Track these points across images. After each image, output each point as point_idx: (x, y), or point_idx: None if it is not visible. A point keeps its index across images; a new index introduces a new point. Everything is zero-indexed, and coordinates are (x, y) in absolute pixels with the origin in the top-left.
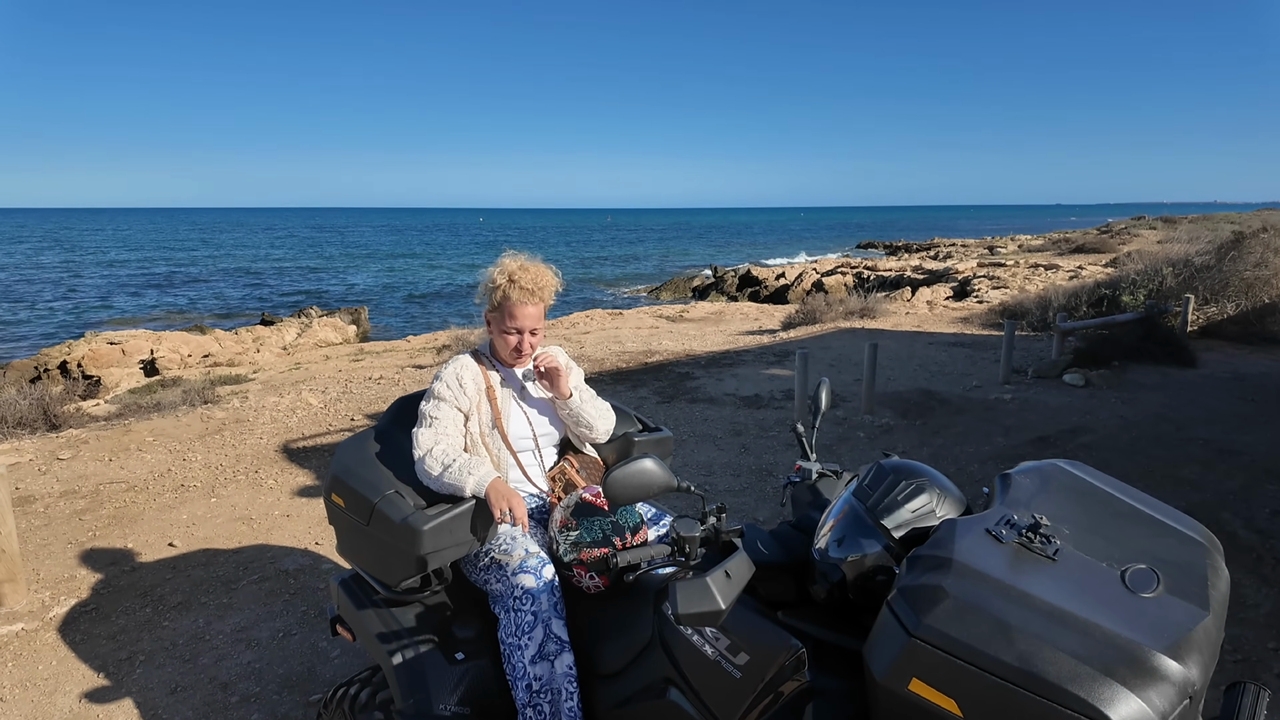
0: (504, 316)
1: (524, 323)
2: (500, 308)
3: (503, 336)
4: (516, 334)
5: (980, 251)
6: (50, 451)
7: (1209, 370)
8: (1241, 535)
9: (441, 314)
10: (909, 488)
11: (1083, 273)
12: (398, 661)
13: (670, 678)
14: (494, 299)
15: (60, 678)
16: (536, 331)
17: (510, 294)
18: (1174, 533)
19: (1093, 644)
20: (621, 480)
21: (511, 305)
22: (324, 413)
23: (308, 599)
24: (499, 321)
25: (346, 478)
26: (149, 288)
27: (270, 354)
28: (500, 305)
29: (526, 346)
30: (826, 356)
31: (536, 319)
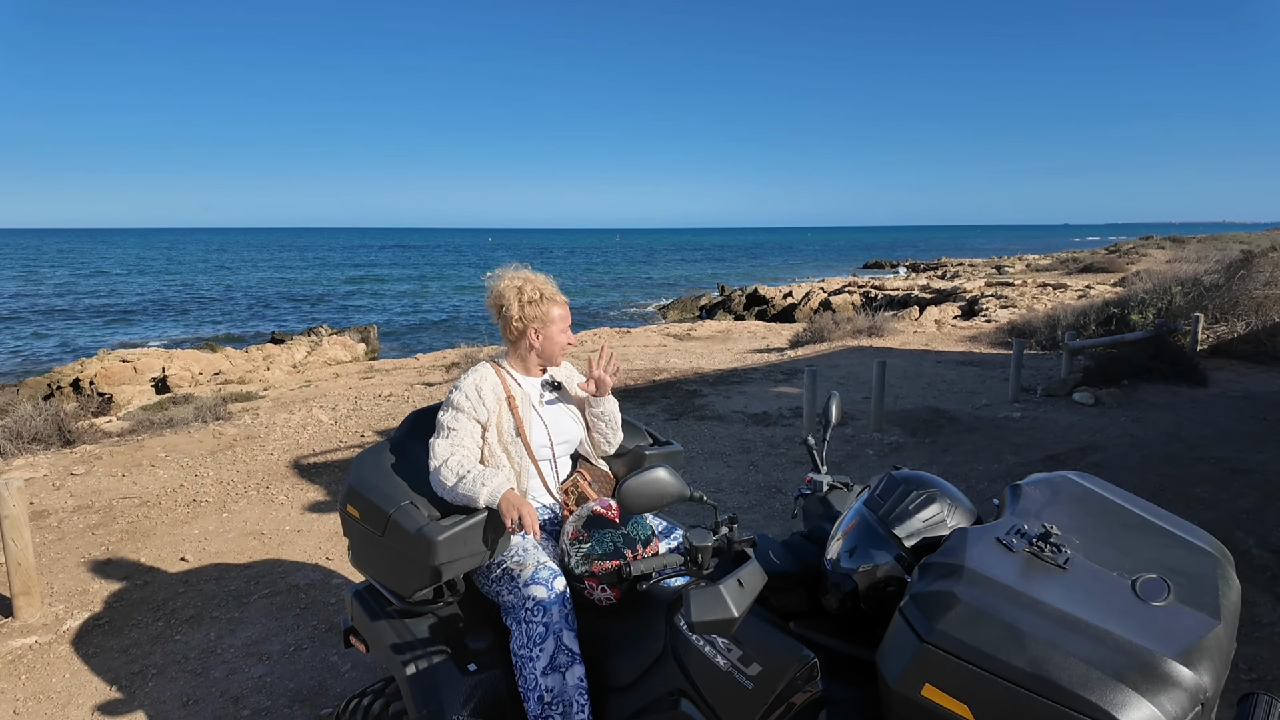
0: (550, 316)
1: (567, 320)
2: (543, 311)
3: (559, 336)
4: (564, 327)
5: (988, 271)
6: (64, 467)
7: (1219, 389)
8: (1256, 554)
9: (450, 332)
10: (920, 497)
11: (1091, 292)
12: (411, 672)
13: (682, 689)
14: (531, 307)
15: (73, 690)
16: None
17: (545, 292)
18: (1184, 543)
19: (1105, 650)
20: (635, 489)
21: (553, 303)
22: (334, 429)
23: (319, 613)
24: (548, 323)
25: (362, 489)
26: (161, 307)
27: (280, 372)
28: (544, 308)
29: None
30: (834, 375)
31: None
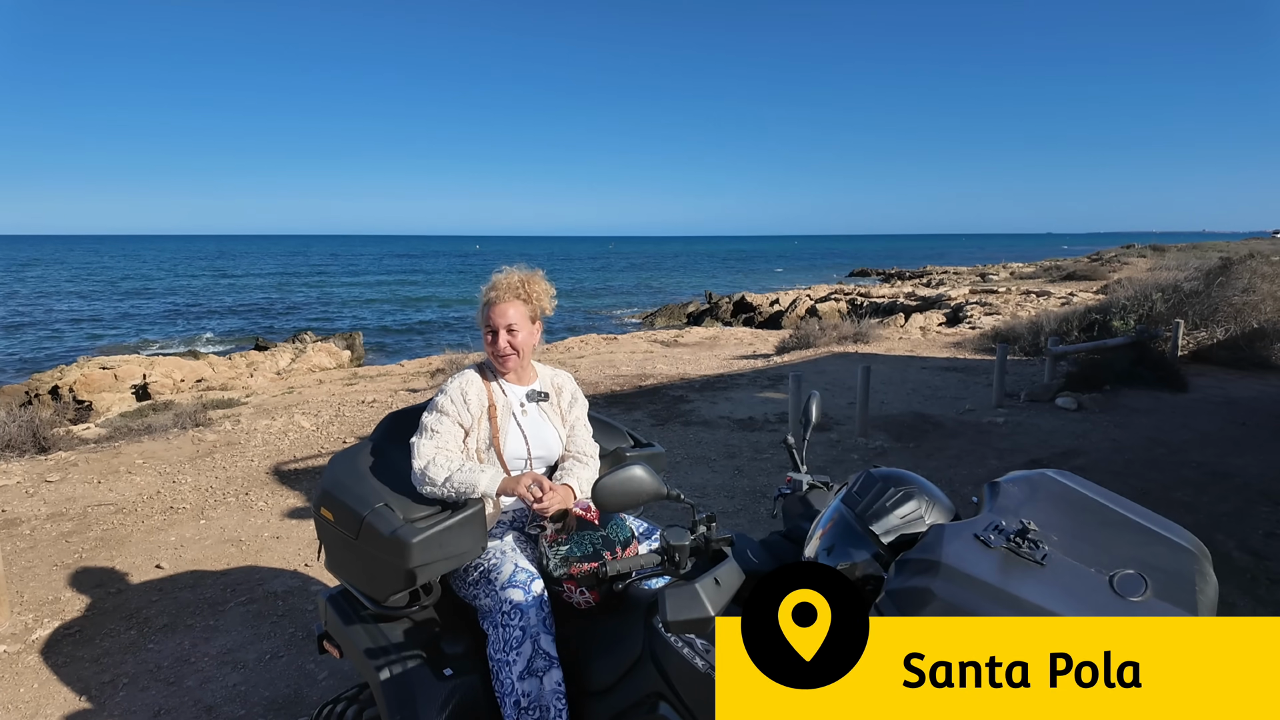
0: (484, 318)
1: (498, 320)
2: (483, 311)
3: (484, 338)
4: (491, 331)
5: (973, 279)
6: (38, 474)
7: (1200, 394)
8: (1235, 557)
9: (436, 339)
10: (898, 494)
11: (1074, 299)
12: (385, 677)
13: (661, 692)
14: (482, 311)
15: (42, 700)
16: (516, 330)
17: (489, 296)
18: (1162, 540)
19: None
20: (610, 487)
21: (489, 305)
22: (316, 435)
23: (296, 621)
24: (481, 325)
25: (336, 491)
26: (144, 314)
27: (264, 378)
28: (483, 308)
29: (504, 346)
30: (820, 380)
31: (516, 319)
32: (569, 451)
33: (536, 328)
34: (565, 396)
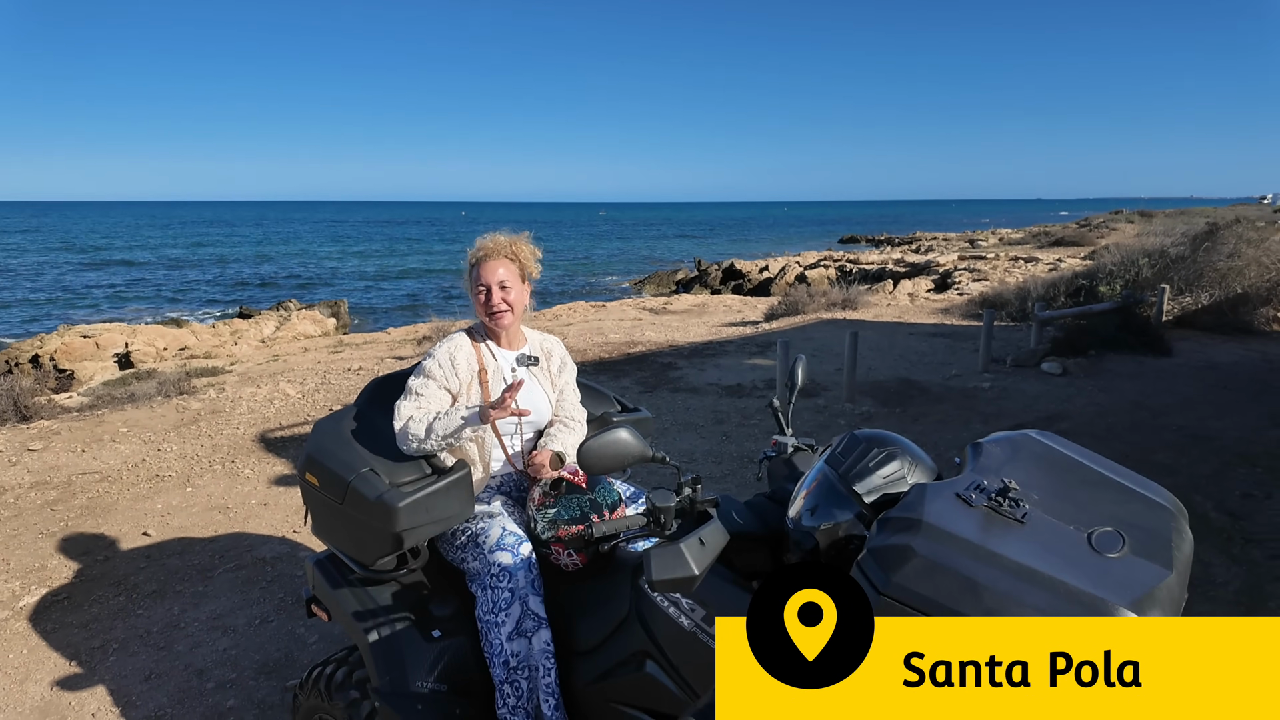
0: (474, 278)
1: (489, 277)
2: (471, 271)
3: (475, 298)
4: (484, 288)
5: (961, 245)
6: (20, 443)
7: (1183, 359)
8: (1213, 517)
9: (422, 307)
10: (881, 455)
11: (1061, 265)
12: (374, 640)
13: (647, 650)
14: (470, 271)
15: (31, 666)
16: (508, 287)
17: (476, 256)
18: (1140, 498)
19: (1059, 600)
20: (596, 450)
21: (479, 264)
22: (302, 403)
23: (285, 586)
24: (471, 286)
25: (321, 456)
26: (126, 281)
27: (248, 346)
28: (471, 269)
29: (499, 302)
30: (808, 347)
31: (507, 276)
32: (557, 416)
33: (526, 288)
34: (555, 361)
